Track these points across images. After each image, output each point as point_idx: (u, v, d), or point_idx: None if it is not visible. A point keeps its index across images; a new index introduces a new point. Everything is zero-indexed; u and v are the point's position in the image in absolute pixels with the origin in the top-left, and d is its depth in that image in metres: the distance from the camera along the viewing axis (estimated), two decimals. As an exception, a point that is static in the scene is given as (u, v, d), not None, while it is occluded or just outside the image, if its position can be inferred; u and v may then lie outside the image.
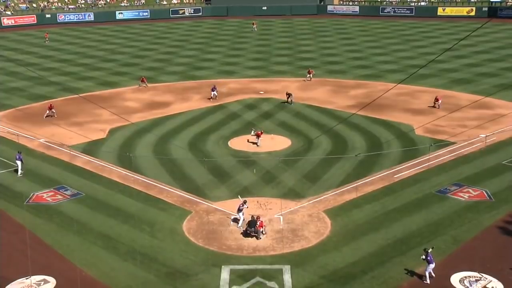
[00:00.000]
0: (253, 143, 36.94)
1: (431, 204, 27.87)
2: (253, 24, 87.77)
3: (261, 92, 50.64)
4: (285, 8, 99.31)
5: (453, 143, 36.23)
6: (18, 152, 32.97)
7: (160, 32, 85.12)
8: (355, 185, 30.30)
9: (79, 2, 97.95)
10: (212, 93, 47.85)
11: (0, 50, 67.34)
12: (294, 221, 26.54)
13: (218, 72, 58.85)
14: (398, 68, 58.52)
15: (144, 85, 52.43)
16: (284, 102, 46.66)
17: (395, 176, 31.46)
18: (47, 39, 77.67)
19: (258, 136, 36.89)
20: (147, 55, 67.53)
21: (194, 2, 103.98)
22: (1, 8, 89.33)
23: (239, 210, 26.12)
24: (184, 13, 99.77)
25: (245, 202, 26.49)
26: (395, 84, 34.97)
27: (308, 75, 54.29)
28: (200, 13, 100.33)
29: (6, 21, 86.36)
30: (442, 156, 34.17)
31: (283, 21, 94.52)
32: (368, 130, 39.60)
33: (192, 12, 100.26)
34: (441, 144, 35.87)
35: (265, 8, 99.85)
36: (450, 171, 31.98)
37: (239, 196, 27.81)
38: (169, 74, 57.86)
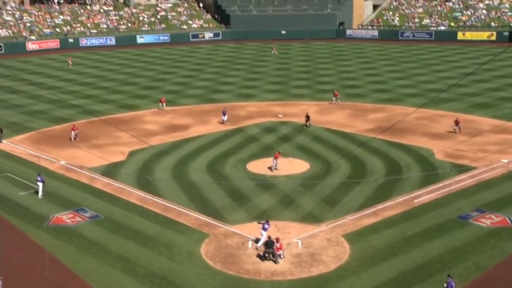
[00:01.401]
0: (270, 168, 36.73)
1: (452, 230, 27.49)
2: (272, 48, 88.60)
3: (280, 116, 50.81)
4: (304, 32, 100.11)
5: (474, 168, 35.83)
6: (39, 174, 33.45)
7: (180, 56, 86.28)
8: (374, 209, 30.07)
9: (101, 26, 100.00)
10: (223, 117, 48.09)
11: (24, 74, 68.72)
12: (313, 246, 26.36)
13: (237, 95, 59.31)
14: (417, 92, 58.37)
15: (163, 107, 52.99)
16: (303, 126, 46.73)
17: (415, 201, 31.17)
18: (70, 62, 79.57)
19: (275, 158, 36.76)
20: (167, 79, 68.41)
21: (214, 26, 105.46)
22: (27, 33, 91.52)
23: (264, 229, 26.12)
24: (204, 37, 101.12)
25: (267, 221, 26.50)
26: (416, 108, 34.94)
27: (335, 98, 54.36)
28: (220, 37, 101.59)
29: (31, 46, 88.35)
30: (463, 181, 33.79)
31: (302, 45, 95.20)
32: (387, 154, 39.40)
33: (211, 36, 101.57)
34: (462, 169, 35.50)
35: (284, 32, 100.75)
36: (471, 196, 31.58)
37: (256, 222, 27.82)
38: (188, 97, 58.46)
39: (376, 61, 79.32)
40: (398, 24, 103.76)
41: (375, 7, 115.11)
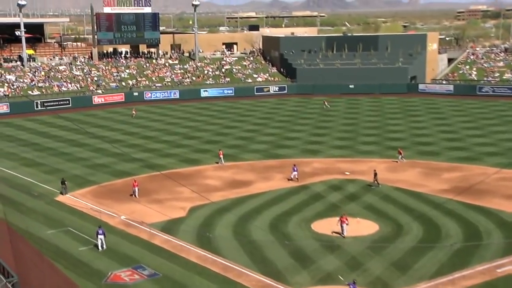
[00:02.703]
0: (337, 233, 36.03)
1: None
2: (324, 102, 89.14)
3: (347, 173, 50.43)
4: (373, 86, 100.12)
5: None
6: (99, 227, 34.50)
7: (244, 110, 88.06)
8: (451, 278, 28.86)
9: (165, 80, 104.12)
10: (293, 173, 48.25)
11: (89, 127, 72.17)
12: (382, 315, 25.49)
13: (302, 151, 59.53)
14: (498, 151, 56.53)
15: (221, 161, 53.84)
16: (371, 185, 46.09)
17: (498, 270, 29.66)
18: (134, 113, 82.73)
19: (342, 222, 35.90)
20: (230, 133, 69.76)
21: (279, 80, 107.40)
22: (93, 87, 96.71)
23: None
24: (268, 90, 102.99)
25: (354, 282, 26.23)
26: (499, 169, 33.74)
27: (399, 156, 53.63)
28: (285, 91, 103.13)
29: (97, 99, 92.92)
30: (552, 249, 31.97)
31: (371, 99, 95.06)
32: (464, 217, 38.03)
33: (277, 89, 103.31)
34: (550, 235, 33.68)
35: (352, 86, 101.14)
36: (561, 266, 29.77)
37: (340, 276, 27.38)
38: (251, 152, 59.24)
39: (451, 117, 77.84)
40: (475, 79, 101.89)
41: (450, 60, 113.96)
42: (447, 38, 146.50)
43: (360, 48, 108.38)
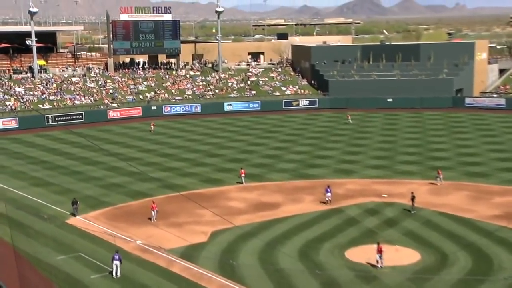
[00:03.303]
0: (372, 265, 35.63)
1: None
2: (347, 117, 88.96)
3: (384, 196, 50.04)
4: (414, 100, 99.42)
5: None
6: (116, 252, 34.67)
7: (271, 125, 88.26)
8: (502, 314, 28.27)
9: (186, 93, 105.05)
10: (327, 194, 48.07)
11: (104, 144, 73.08)
12: None
13: (335, 170, 59.31)
14: (556, 172, 55.53)
15: (242, 181, 54.16)
16: (408, 210, 45.57)
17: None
18: (152, 128, 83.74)
19: (379, 252, 35.31)
20: (256, 150, 69.90)
21: (310, 92, 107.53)
22: (108, 101, 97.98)
23: None
24: (298, 104, 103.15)
25: None
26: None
27: (438, 177, 53.02)
28: (316, 105, 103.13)
29: (112, 114, 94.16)
30: None
31: (411, 114, 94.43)
32: (518, 246, 37.31)
33: (307, 103, 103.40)
34: None
35: (390, 100, 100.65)
36: None
37: None
38: (279, 172, 59.21)
39: (502, 134, 76.76)
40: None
41: (501, 71, 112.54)
42: (498, 47, 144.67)
43: (399, 58, 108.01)
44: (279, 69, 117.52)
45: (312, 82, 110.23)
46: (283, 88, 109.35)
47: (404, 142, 73.35)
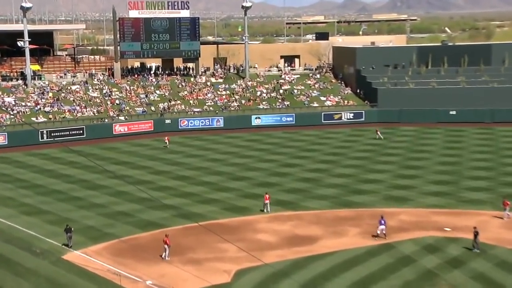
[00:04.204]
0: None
1: None
2: (376, 131, 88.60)
3: (447, 229, 49.61)
4: (483, 112, 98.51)
5: None
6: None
7: (308, 143, 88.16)
8: None
9: (206, 104, 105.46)
10: (380, 227, 47.63)
11: (108, 164, 73.71)
12: None
13: (385, 198, 58.98)
14: None
15: (267, 208, 54.51)
16: (470, 249, 45.03)
17: None
18: (167, 142, 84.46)
19: None
20: (289, 173, 69.86)
21: (355, 103, 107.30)
22: (114, 113, 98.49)
23: None
24: (340, 118, 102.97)
25: None
26: None
27: (506, 209, 52.32)
28: (363, 118, 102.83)
29: (118, 128, 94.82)
30: None
31: (480, 130, 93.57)
32: None
33: (351, 117, 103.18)
34: None
35: (453, 112, 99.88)
36: None
37: None
38: (317, 199, 59.07)
39: None
40: None
41: None
42: None
43: (465, 61, 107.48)
44: (318, 76, 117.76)
45: (358, 91, 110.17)
46: (322, 98, 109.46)
47: (470, 164, 72.66)
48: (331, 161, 75.70)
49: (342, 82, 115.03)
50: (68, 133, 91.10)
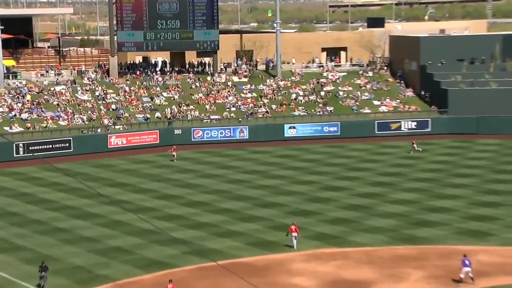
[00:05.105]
0: None
1: None
2: (412, 143, 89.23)
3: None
4: None
5: None
6: None
7: (357, 160, 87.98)
8: None
9: (227, 110, 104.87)
10: (464, 269, 46.98)
11: (101, 186, 73.75)
12: None
13: (458, 231, 58.65)
14: None
15: (294, 243, 54.25)
16: None
17: None
18: (174, 155, 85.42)
19: None
20: (332, 198, 69.74)
21: (418, 109, 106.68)
22: (110, 121, 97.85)
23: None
24: (400, 127, 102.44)
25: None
26: None
27: None
28: (429, 128, 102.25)
29: (115, 141, 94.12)
30: None
31: None
32: None
33: (414, 126, 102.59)
34: None
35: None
36: None
37: None
38: (368, 232, 58.91)
39: None
40: None
41: None
42: None
43: None
44: (370, 74, 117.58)
45: (422, 93, 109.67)
46: (376, 103, 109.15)
47: None
48: (387, 184, 75.44)
49: (402, 81, 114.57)
50: (51, 146, 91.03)
